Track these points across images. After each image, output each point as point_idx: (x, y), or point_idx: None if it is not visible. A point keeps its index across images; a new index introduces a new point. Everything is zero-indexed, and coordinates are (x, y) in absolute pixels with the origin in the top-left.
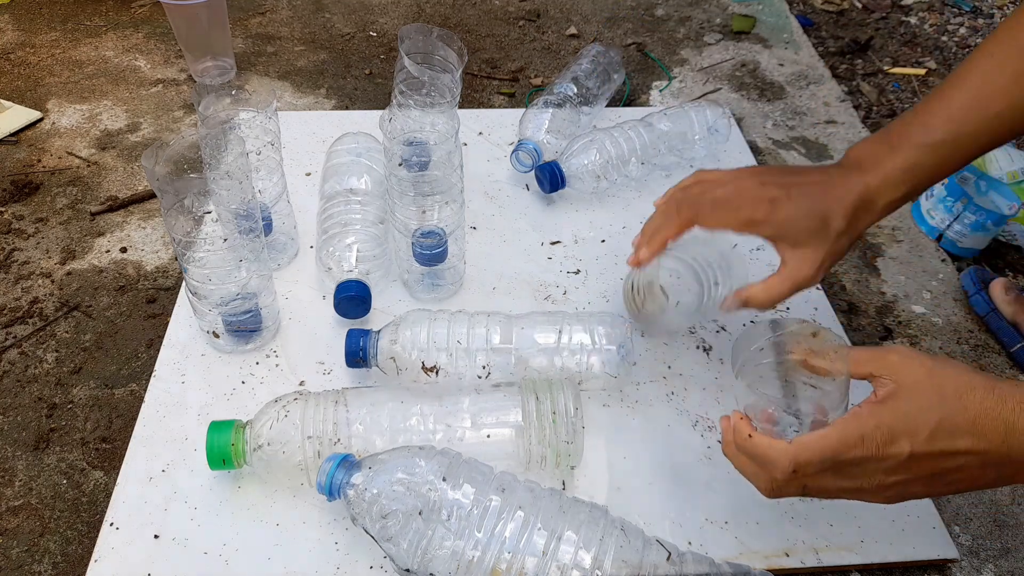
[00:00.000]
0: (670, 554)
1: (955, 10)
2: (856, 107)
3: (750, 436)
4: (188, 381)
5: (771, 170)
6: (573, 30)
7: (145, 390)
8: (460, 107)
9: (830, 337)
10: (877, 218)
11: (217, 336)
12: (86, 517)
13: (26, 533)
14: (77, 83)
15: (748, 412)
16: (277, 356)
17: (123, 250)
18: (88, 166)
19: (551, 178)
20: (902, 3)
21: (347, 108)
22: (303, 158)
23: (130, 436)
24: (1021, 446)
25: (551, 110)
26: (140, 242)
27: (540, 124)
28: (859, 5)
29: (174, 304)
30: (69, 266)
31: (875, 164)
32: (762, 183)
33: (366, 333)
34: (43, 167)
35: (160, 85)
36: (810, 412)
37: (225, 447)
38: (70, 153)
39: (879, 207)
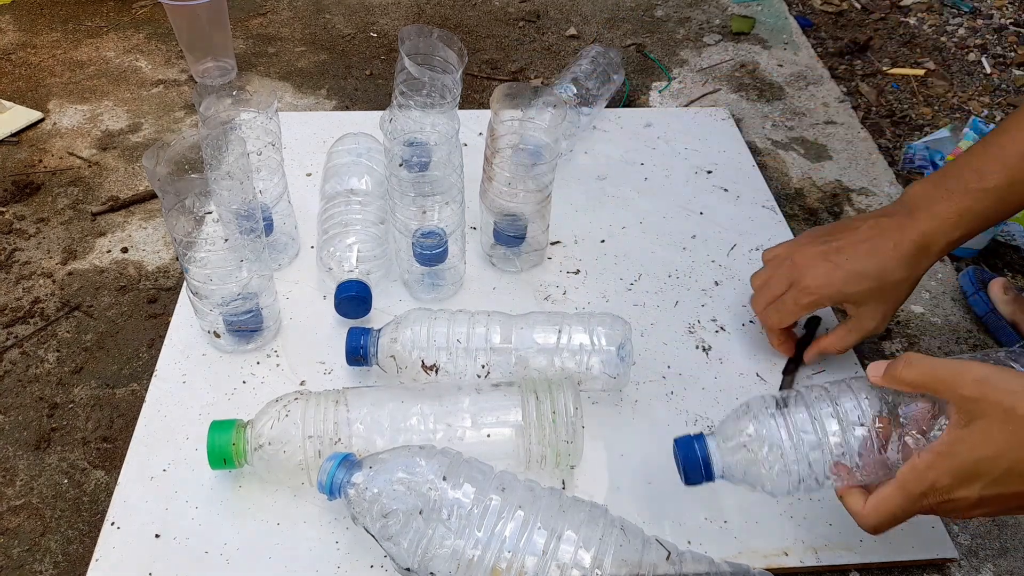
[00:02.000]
0: (669, 553)
1: (954, 11)
2: (855, 107)
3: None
4: (189, 381)
5: (819, 235)
6: (573, 31)
7: (146, 390)
8: (460, 108)
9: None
10: (935, 259)
11: (218, 336)
12: (87, 516)
13: (27, 532)
14: (78, 83)
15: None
16: (278, 356)
17: (124, 250)
18: (89, 166)
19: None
20: (901, 4)
21: (348, 109)
22: (304, 158)
23: (131, 436)
24: None
25: (550, 111)
26: (141, 242)
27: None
28: (858, 6)
29: (175, 304)
30: (70, 266)
31: (929, 208)
32: (818, 254)
33: (367, 331)
34: (44, 167)
35: (161, 86)
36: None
37: (226, 446)
38: (71, 153)
39: (936, 250)
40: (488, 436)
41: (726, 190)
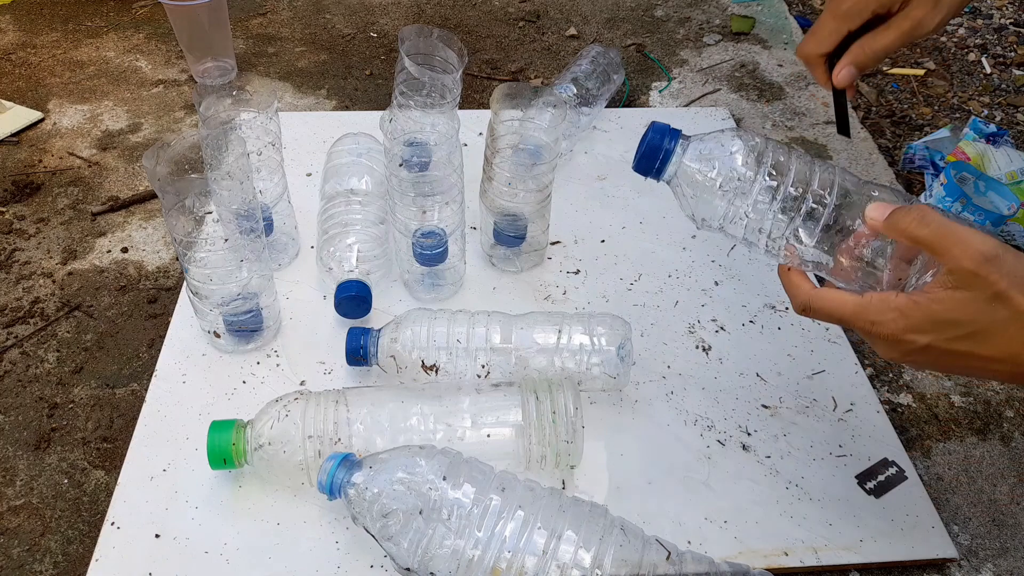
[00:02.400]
0: (669, 553)
1: None
2: (855, 107)
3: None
4: (189, 381)
5: None
6: (573, 31)
7: (146, 390)
8: (460, 108)
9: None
10: None
11: (218, 336)
12: (87, 516)
13: (27, 532)
14: (78, 83)
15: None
16: (278, 356)
17: (124, 250)
18: (89, 166)
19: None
20: None
21: (348, 109)
22: (304, 158)
23: (131, 436)
24: None
25: (550, 111)
26: (141, 242)
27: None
28: None
29: (175, 304)
30: (70, 266)
31: None
32: None
33: (367, 331)
34: (44, 167)
35: (161, 86)
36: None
37: (226, 446)
38: (71, 153)
39: None
40: (488, 436)
41: None
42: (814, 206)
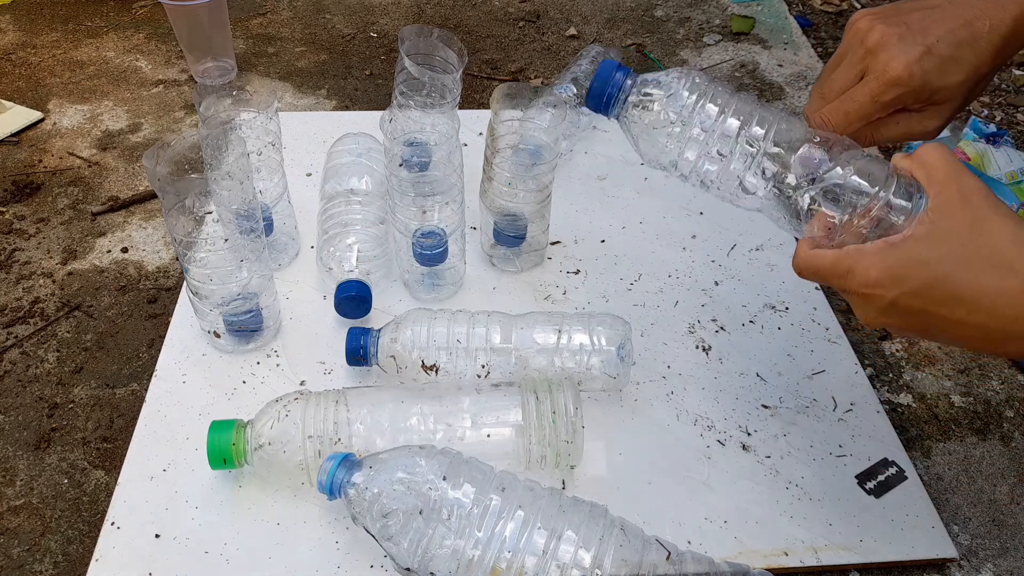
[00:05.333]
0: (669, 553)
1: None
2: None
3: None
4: (189, 381)
5: (892, 11)
6: (573, 31)
7: (146, 390)
8: (460, 108)
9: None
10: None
11: (218, 336)
12: (87, 516)
13: (27, 532)
14: (78, 83)
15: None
16: (278, 356)
17: (124, 250)
18: (89, 166)
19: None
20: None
21: (348, 109)
22: (304, 158)
23: (131, 436)
24: None
25: (550, 111)
26: (141, 242)
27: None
28: (858, 5)
29: (175, 304)
30: (70, 266)
31: None
32: (898, 35)
33: (367, 331)
34: (44, 167)
35: (161, 86)
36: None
37: (226, 446)
38: (71, 153)
39: None
40: (488, 436)
41: None
42: (756, 147)
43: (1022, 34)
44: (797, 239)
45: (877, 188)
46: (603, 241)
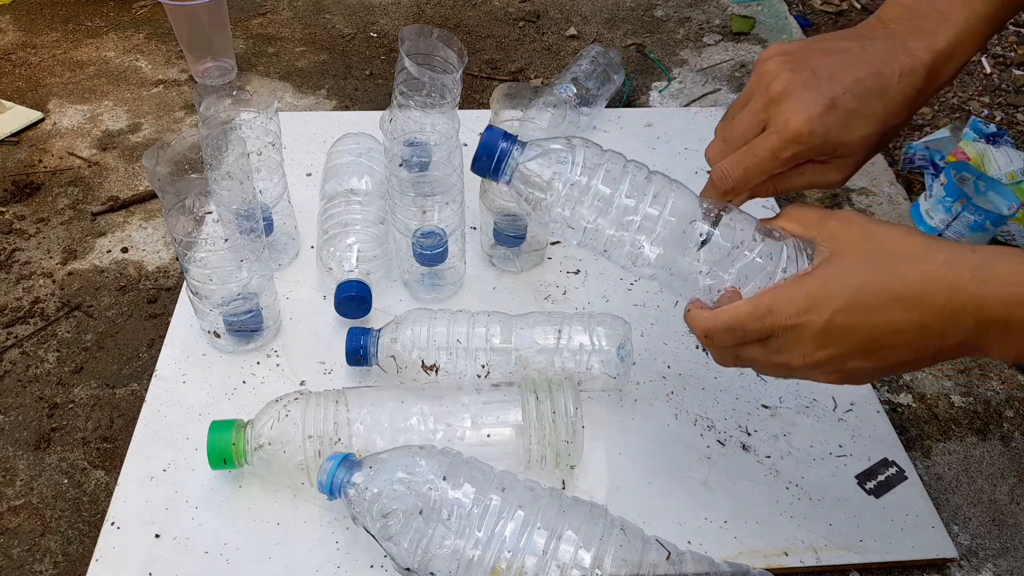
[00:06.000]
0: (669, 553)
1: None
2: None
3: (688, 311)
4: (189, 381)
5: (799, 55)
6: (573, 31)
7: (146, 390)
8: (460, 108)
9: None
10: (937, 92)
11: (218, 336)
12: (87, 516)
13: (27, 532)
14: (78, 83)
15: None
16: (278, 356)
17: (124, 250)
18: (89, 166)
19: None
20: None
21: (348, 109)
22: (304, 158)
23: (131, 436)
24: (966, 311)
25: (550, 111)
26: (141, 242)
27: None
28: (858, 6)
29: (175, 304)
30: (70, 266)
31: (942, 16)
32: (804, 83)
33: (367, 331)
34: (44, 167)
35: (161, 86)
36: (755, 282)
37: (226, 446)
38: (71, 153)
39: (945, 78)
40: (488, 436)
41: None
42: (648, 219)
43: (936, 83)
44: (686, 302)
45: (774, 261)
46: None
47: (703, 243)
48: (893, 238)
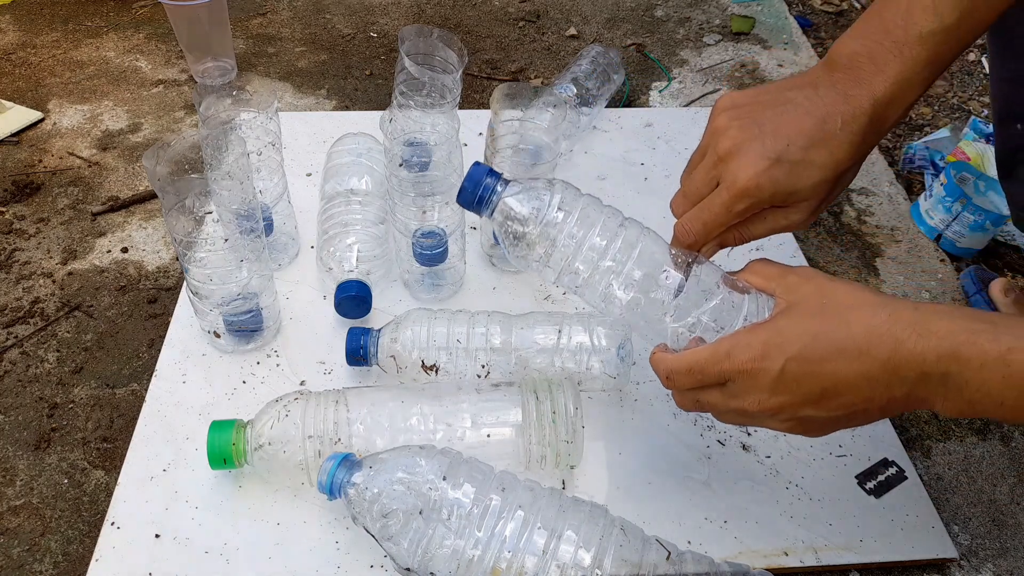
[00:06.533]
0: (669, 553)
1: None
2: None
3: (653, 354)
4: (189, 381)
5: (745, 111)
6: (573, 31)
7: (146, 390)
8: (460, 108)
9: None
10: (885, 135)
11: (218, 336)
12: (87, 516)
13: (27, 532)
14: (78, 84)
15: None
16: (278, 356)
17: (124, 250)
18: (89, 166)
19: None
20: None
21: (348, 109)
22: (304, 158)
23: (131, 436)
24: (908, 364)
25: (550, 111)
26: (141, 242)
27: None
28: (858, 6)
29: (175, 304)
30: (70, 266)
31: (877, 65)
32: (750, 138)
33: (367, 331)
34: (44, 167)
35: (161, 86)
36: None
37: (226, 446)
38: (71, 153)
39: (890, 123)
40: (488, 436)
41: None
42: (619, 267)
43: (881, 128)
44: (653, 346)
45: (736, 310)
46: None
47: (678, 292)
48: (846, 293)
